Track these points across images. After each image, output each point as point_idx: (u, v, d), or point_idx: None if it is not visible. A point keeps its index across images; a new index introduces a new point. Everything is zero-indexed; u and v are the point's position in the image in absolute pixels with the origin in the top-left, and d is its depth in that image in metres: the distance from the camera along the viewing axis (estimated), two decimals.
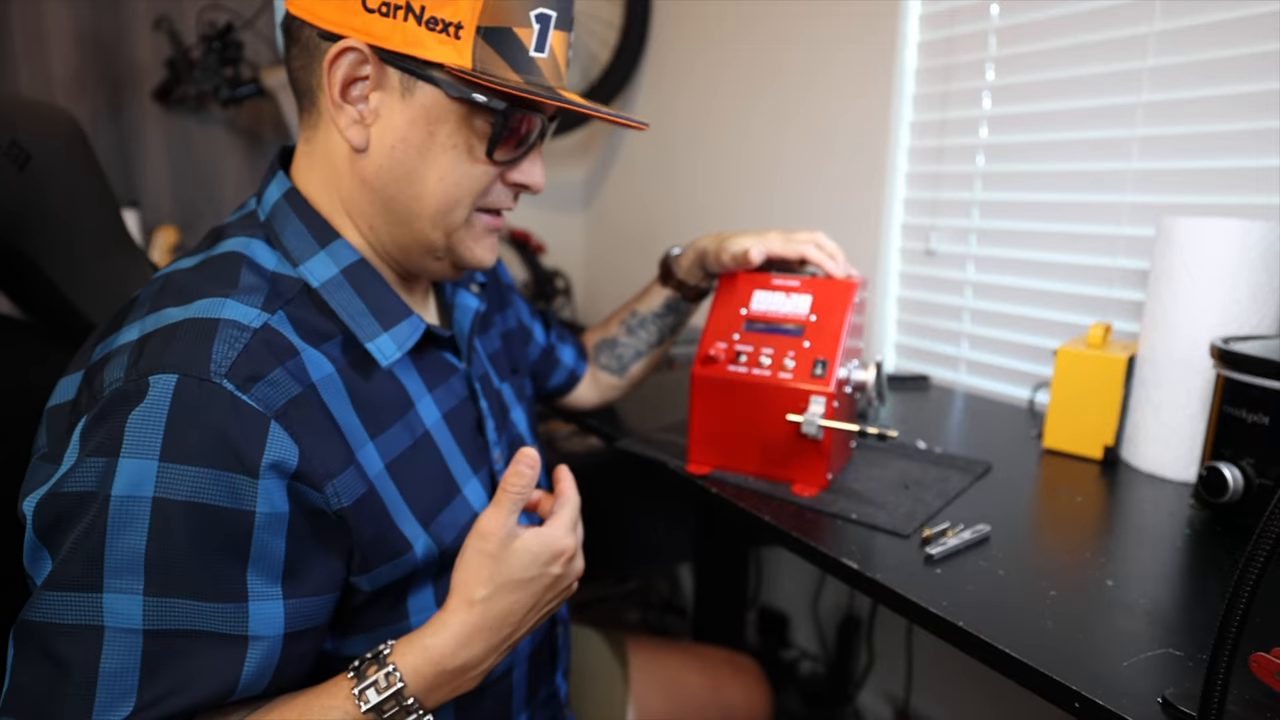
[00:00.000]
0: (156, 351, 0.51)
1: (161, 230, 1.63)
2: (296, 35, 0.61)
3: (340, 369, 0.59)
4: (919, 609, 0.61)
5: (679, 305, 0.98)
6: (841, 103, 1.42)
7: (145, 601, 0.49)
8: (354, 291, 0.63)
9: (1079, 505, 0.82)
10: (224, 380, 0.51)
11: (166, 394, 0.49)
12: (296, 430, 0.53)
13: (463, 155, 0.61)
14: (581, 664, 0.97)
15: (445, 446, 0.68)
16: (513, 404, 0.83)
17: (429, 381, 0.68)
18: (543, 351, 0.98)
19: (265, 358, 0.53)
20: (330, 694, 0.54)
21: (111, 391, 0.51)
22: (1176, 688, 0.50)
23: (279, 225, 0.63)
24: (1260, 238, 0.81)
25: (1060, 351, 0.94)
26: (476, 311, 0.77)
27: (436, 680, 0.56)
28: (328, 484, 0.55)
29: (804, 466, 0.82)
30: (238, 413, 0.50)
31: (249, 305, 0.55)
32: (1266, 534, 0.37)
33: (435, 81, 0.58)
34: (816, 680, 1.65)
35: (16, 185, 0.73)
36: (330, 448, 0.55)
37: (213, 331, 0.52)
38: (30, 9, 1.48)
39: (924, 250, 1.35)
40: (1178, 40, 1.01)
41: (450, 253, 0.66)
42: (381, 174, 0.61)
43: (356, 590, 0.59)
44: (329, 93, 0.59)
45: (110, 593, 0.48)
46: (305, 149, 0.65)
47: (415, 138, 0.60)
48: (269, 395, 0.52)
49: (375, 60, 0.58)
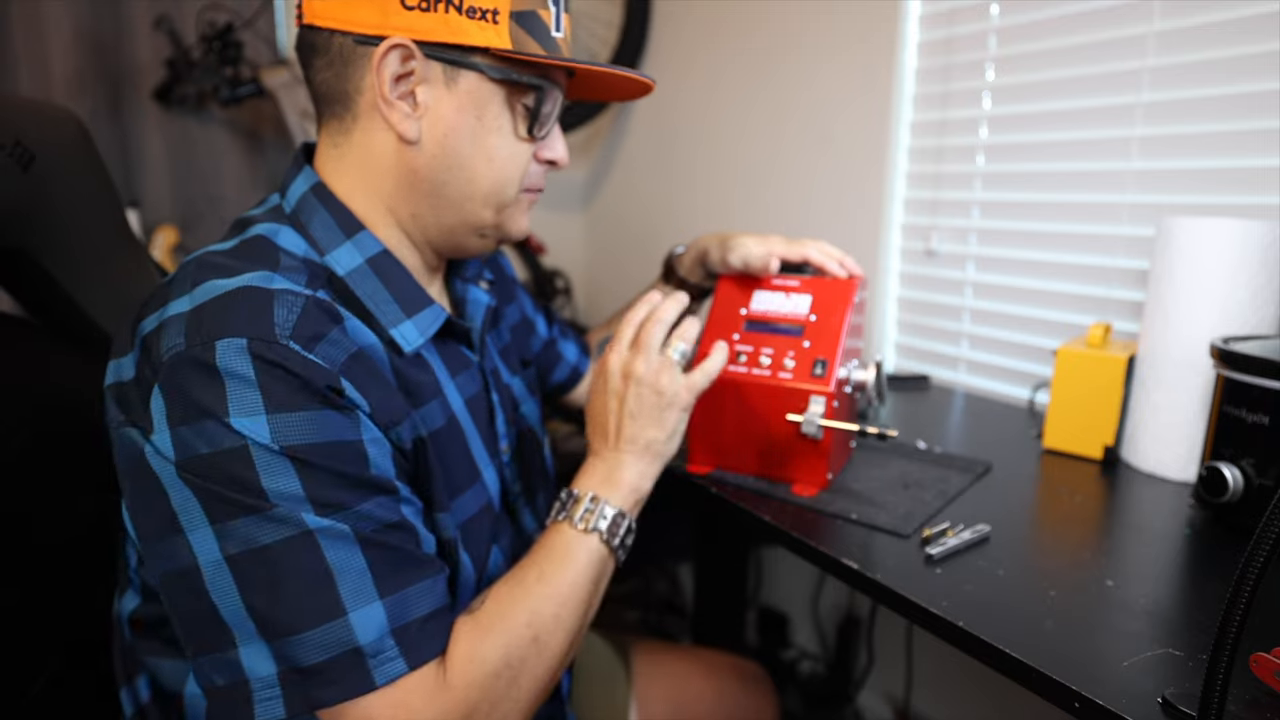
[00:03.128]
0: (217, 318, 0.53)
1: (161, 230, 1.63)
2: (323, 46, 0.63)
3: (381, 344, 0.62)
4: (919, 609, 0.61)
5: None
6: (841, 103, 1.42)
7: (327, 516, 0.52)
8: (379, 280, 0.65)
9: (1079, 505, 0.82)
10: (290, 341, 0.53)
11: (245, 357, 0.52)
12: (360, 383, 0.56)
13: (508, 135, 0.66)
14: (584, 666, 0.97)
15: (469, 431, 0.71)
16: (524, 398, 0.84)
17: (451, 369, 0.71)
18: (545, 344, 0.98)
19: (322, 319, 0.56)
20: (544, 535, 0.67)
21: (173, 356, 0.52)
22: (1176, 688, 0.50)
23: (305, 216, 0.65)
24: (1260, 238, 0.81)
25: (1060, 351, 0.94)
26: (488, 307, 0.79)
27: (601, 470, 0.70)
28: (391, 431, 0.58)
29: (804, 466, 0.82)
30: (309, 366, 0.53)
31: (295, 281, 0.58)
32: (1266, 534, 0.37)
33: (477, 67, 0.62)
34: (816, 680, 1.65)
35: (20, 185, 0.73)
36: (389, 400, 0.59)
37: (270, 297, 0.54)
38: (30, 9, 1.48)
39: (924, 250, 1.35)
40: (1178, 40, 1.01)
41: (498, 229, 0.70)
42: (434, 163, 0.65)
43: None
44: (380, 91, 0.61)
45: (309, 513, 0.52)
46: (334, 154, 0.66)
47: (465, 125, 0.64)
48: (331, 353, 0.55)
49: (420, 56, 0.61)
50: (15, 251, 0.76)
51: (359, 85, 0.63)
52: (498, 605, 0.61)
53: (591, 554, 0.66)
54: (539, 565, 0.64)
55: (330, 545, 0.52)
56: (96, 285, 0.81)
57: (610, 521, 0.67)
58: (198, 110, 1.68)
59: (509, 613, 0.60)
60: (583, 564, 0.65)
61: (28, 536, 0.69)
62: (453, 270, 0.79)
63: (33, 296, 0.82)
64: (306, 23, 0.63)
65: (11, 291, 0.82)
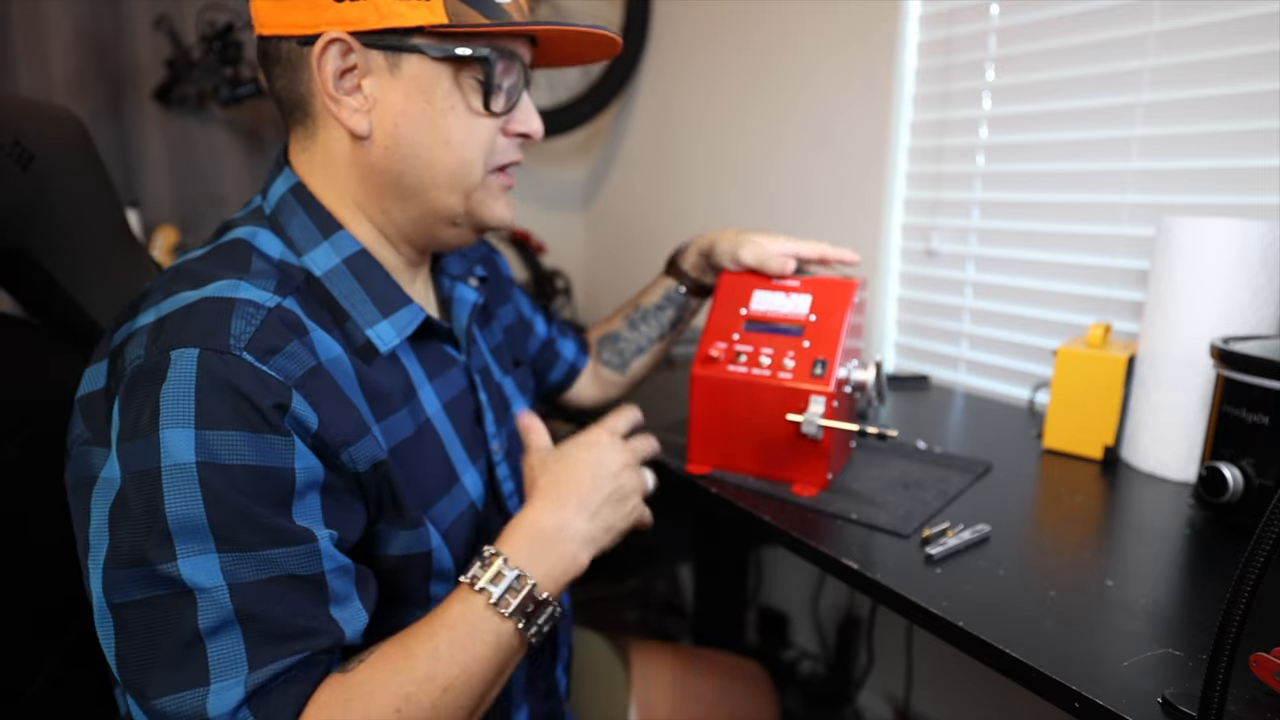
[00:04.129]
0: (176, 329, 0.52)
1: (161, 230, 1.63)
2: (276, 56, 0.63)
3: (347, 354, 0.61)
4: (919, 609, 0.61)
5: (677, 297, 0.97)
6: (841, 102, 1.42)
7: (220, 559, 0.50)
8: (355, 280, 0.64)
9: (1079, 505, 0.82)
10: (244, 352, 0.52)
11: (190, 366, 0.51)
12: (315, 399, 0.55)
13: (462, 114, 0.64)
14: (584, 666, 0.97)
15: (446, 435, 0.69)
16: (515, 397, 0.84)
17: (429, 370, 0.70)
18: (543, 344, 0.98)
19: (281, 332, 0.55)
20: (447, 598, 0.59)
21: (133, 369, 0.52)
22: (1176, 688, 0.50)
23: (284, 217, 0.64)
24: (1260, 238, 0.81)
25: (1060, 351, 0.94)
26: (475, 304, 0.78)
27: (533, 546, 0.62)
28: (344, 451, 0.56)
29: (804, 466, 0.82)
30: (261, 381, 0.52)
31: (262, 288, 0.57)
32: (1266, 534, 0.37)
33: (418, 49, 0.61)
34: (816, 680, 1.65)
35: (20, 185, 0.73)
36: (346, 417, 0.57)
37: (230, 308, 0.54)
38: (30, 9, 1.48)
39: (924, 250, 1.35)
40: (1178, 40, 1.01)
41: (470, 216, 0.68)
42: (389, 154, 0.63)
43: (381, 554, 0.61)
44: (324, 88, 0.61)
45: (185, 559, 0.49)
46: (304, 159, 0.66)
47: (413, 110, 0.62)
48: (287, 366, 0.54)
49: (358, 47, 0.60)
50: (15, 251, 0.76)
51: (310, 88, 0.62)
52: (373, 675, 0.53)
53: (501, 640, 0.58)
54: (434, 638, 0.56)
55: (208, 609, 0.49)
56: (96, 285, 0.81)
57: (535, 607, 0.59)
58: (198, 110, 1.68)
59: (381, 689, 0.53)
60: (487, 651, 0.57)
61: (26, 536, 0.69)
62: (440, 268, 0.79)
63: (32, 296, 0.82)
64: (258, 33, 0.63)
65: (11, 291, 0.82)
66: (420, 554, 0.63)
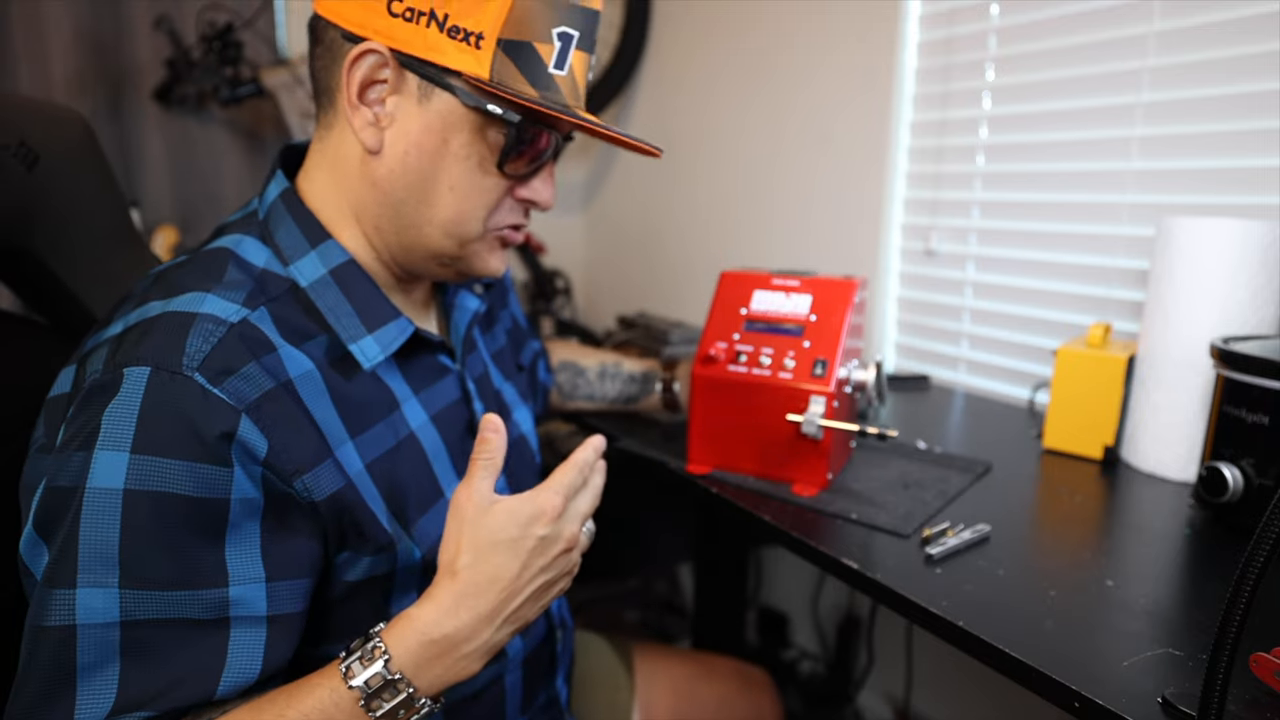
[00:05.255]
0: (133, 344, 0.52)
1: (161, 230, 1.63)
2: (321, 35, 0.62)
3: (321, 368, 0.59)
4: (919, 609, 0.61)
5: (653, 384, 1.01)
6: (841, 103, 1.42)
7: (121, 594, 0.49)
8: (340, 293, 0.63)
9: (1079, 505, 0.82)
10: (195, 374, 0.51)
11: (139, 386, 0.50)
12: (267, 424, 0.53)
13: (474, 167, 0.62)
14: (586, 670, 0.97)
15: (432, 449, 0.67)
16: (515, 404, 0.83)
17: (416, 384, 0.68)
18: (534, 355, 0.98)
19: (239, 352, 0.54)
20: (320, 674, 0.53)
21: (90, 383, 0.52)
22: (1176, 688, 0.50)
23: (274, 224, 0.64)
24: (1260, 238, 0.81)
25: (1060, 351, 0.94)
26: (475, 312, 0.78)
27: (423, 652, 0.53)
28: (297, 479, 0.55)
29: (804, 466, 0.82)
30: (208, 405, 0.51)
31: (229, 300, 0.56)
32: (1266, 534, 0.37)
33: (452, 89, 0.59)
34: (816, 680, 1.65)
35: (25, 185, 0.73)
36: (303, 443, 0.55)
37: (188, 325, 0.53)
38: (30, 9, 1.48)
39: (924, 250, 1.35)
40: (1178, 40, 1.01)
41: (460, 262, 0.66)
42: (393, 178, 0.62)
43: (337, 580, 0.59)
44: (346, 93, 0.60)
45: (84, 588, 0.49)
46: (318, 146, 0.66)
47: (429, 144, 0.61)
48: (240, 389, 0.53)
49: (395, 64, 0.59)
50: (20, 251, 0.76)
51: (339, 81, 0.61)
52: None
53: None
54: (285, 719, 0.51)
55: (87, 645, 0.48)
56: (101, 284, 0.81)
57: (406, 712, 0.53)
58: (198, 110, 1.68)
59: None
60: None
61: None
62: None
63: (37, 295, 0.82)
64: (315, 9, 0.63)
65: (16, 290, 0.82)
66: (383, 575, 0.61)
